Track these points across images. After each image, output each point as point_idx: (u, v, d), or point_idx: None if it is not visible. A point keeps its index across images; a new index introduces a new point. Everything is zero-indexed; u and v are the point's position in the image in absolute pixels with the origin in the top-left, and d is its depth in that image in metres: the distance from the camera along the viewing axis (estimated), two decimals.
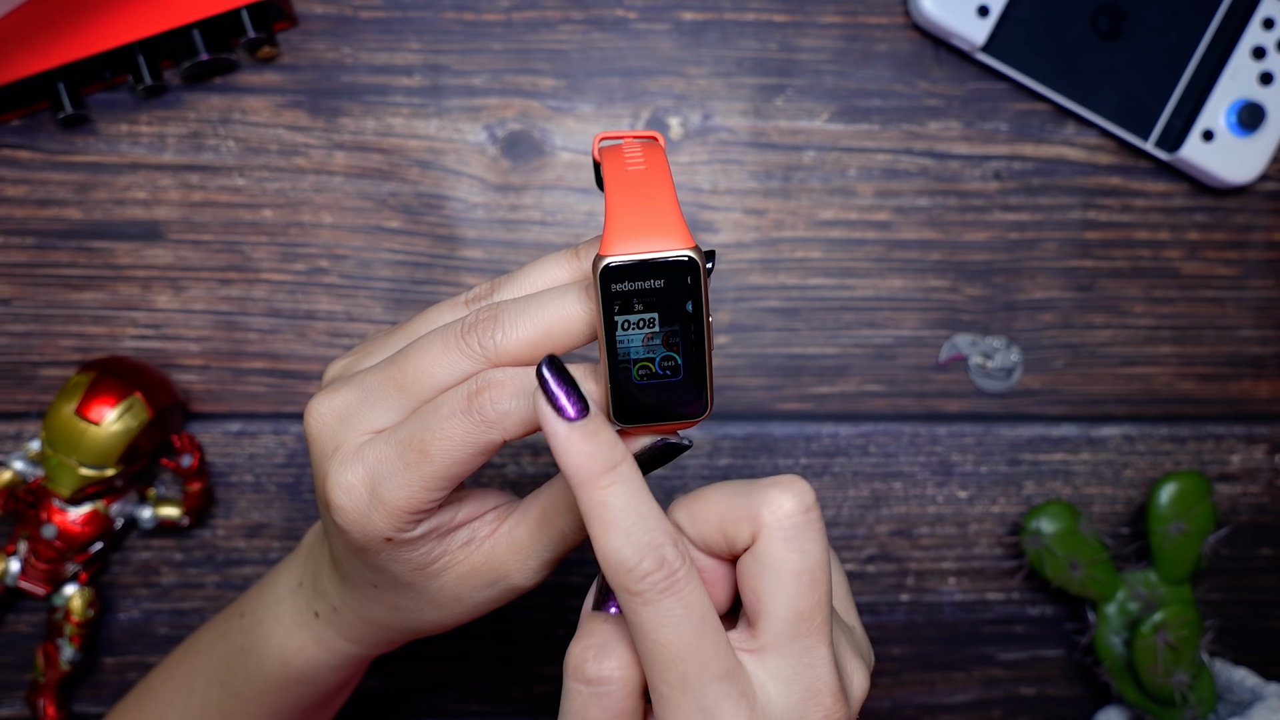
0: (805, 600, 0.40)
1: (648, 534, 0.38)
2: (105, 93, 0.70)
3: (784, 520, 0.40)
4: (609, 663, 0.41)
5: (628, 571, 0.38)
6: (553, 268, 0.45)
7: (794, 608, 0.40)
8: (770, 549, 0.40)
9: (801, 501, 0.40)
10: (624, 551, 0.38)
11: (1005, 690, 0.75)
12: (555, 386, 0.39)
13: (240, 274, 0.70)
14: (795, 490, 0.40)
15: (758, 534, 0.40)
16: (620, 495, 0.38)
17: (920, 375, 0.73)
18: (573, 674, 0.41)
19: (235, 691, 0.56)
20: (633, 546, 0.38)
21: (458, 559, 0.46)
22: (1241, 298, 0.74)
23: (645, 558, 0.38)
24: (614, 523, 0.38)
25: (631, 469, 0.39)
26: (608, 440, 0.39)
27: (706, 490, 0.42)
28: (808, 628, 0.40)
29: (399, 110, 0.70)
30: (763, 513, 0.40)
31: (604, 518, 0.38)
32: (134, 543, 0.71)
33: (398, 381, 0.44)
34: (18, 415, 0.70)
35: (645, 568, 0.38)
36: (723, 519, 0.41)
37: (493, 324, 0.42)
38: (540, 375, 0.39)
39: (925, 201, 0.72)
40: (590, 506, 0.39)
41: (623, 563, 0.38)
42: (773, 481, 0.41)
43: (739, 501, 0.41)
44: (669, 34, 0.71)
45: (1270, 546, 0.76)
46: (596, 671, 0.40)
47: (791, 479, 0.41)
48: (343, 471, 0.44)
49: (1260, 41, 0.71)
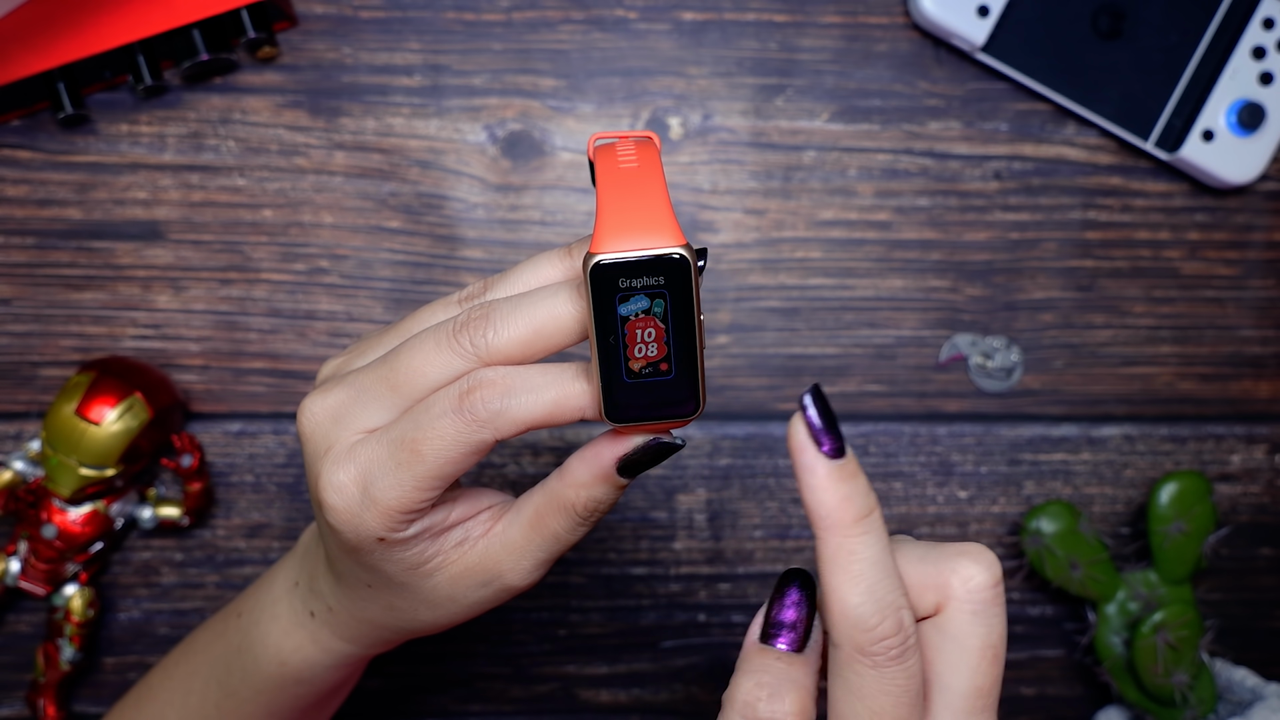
0: (986, 676, 0.39)
1: (891, 594, 0.37)
2: (105, 93, 0.70)
3: (975, 593, 0.39)
4: (783, 706, 0.39)
5: (867, 630, 0.37)
6: (545, 266, 0.45)
7: (974, 684, 0.39)
8: (957, 620, 0.39)
9: (993, 575, 0.39)
10: (865, 608, 0.37)
11: (1005, 690, 0.75)
12: (817, 419, 0.37)
13: (240, 274, 0.70)
14: (987, 562, 0.39)
15: (944, 605, 0.39)
16: (870, 546, 0.37)
17: (920, 375, 0.73)
18: (741, 710, 0.39)
19: (232, 691, 0.56)
20: (876, 604, 0.37)
21: (451, 559, 0.46)
22: (1241, 298, 0.74)
23: (887, 619, 0.37)
24: (861, 575, 0.37)
25: (881, 520, 0.38)
26: (864, 485, 0.38)
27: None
28: (984, 704, 0.39)
29: (399, 110, 0.71)
30: (953, 583, 0.39)
31: (851, 569, 0.37)
32: (134, 543, 0.71)
33: (390, 381, 0.44)
34: (18, 415, 0.70)
35: (885, 630, 0.37)
36: (907, 583, 0.40)
37: (484, 323, 0.42)
38: (802, 404, 0.38)
39: (925, 201, 0.72)
40: (839, 553, 0.37)
41: (862, 620, 0.37)
42: (962, 551, 0.39)
43: (926, 568, 0.39)
44: (669, 34, 0.71)
45: (1270, 546, 0.76)
46: (769, 713, 0.39)
47: (981, 550, 0.39)
48: (335, 471, 0.44)
49: (1260, 41, 0.70)
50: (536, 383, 0.42)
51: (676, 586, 0.73)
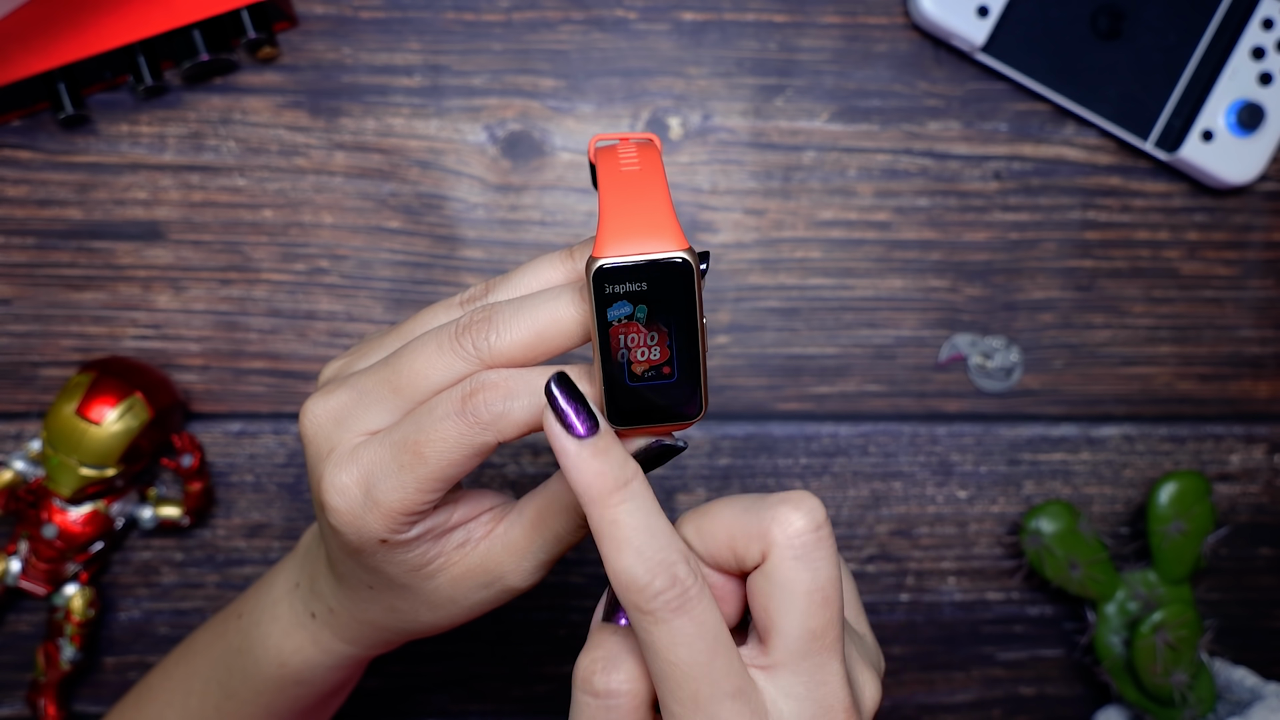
0: (817, 618, 0.39)
1: (660, 552, 0.38)
2: (106, 93, 0.70)
3: (795, 539, 0.39)
4: (617, 675, 0.40)
5: (639, 590, 0.38)
6: (547, 269, 0.45)
7: (806, 626, 0.39)
8: (781, 567, 0.39)
9: (812, 519, 0.39)
10: (636, 570, 0.38)
11: (1005, 690, 0.75)
12: (564, 403, 0.39)
13: (240, 274, 0.70)
14: (806, 507, 0.40)
15: (768, 552, 0.40)
16: (632, 513, 0.38)
17: (920, 375, 0.73)
18: (581, 685, 0.41)
19: (233, 692, 0.56)
20: (645, 565, 0.38)
21: (453, 560, 0.46)
22: (1241, 298, 0.74)
23: (657, 576, 0.38)
24: (626, 541, 0.38)
25: (642, 486, 0.39)
26: (618, 458, 0.39)
27: (715, 506, 0.42)
28: (820, 645, 0.40)
29: (399, 110, 0.71)
30: (773, 531, 0.39)
31: (615, 536, 0.38)
32: (134, 543, 0.71)
33: (392, 383, 0.44)
34: (18, 415, 0.70)
35: (657, 586, 0.38)
36: (732, 536, 0.40)
37: (487, 325, 0.42)
38: (549, 393, 0.39)
39: (925, 201, 0.72)
40: (601, 525, 0.38)
41: (634, 581, 0.38)
42: (783, 498, 0.40)
43: (749, 518, 0.40)
44: (669, 34, 0.71)
45: (1269, 546, 0.76)
46: (605, 684, 0.40)
47: (801, 495, 0.40)
48: (337, 473, 0.44)
49: (1260, 41, 0.71)
50: (538, 385, 0.42)
51: None
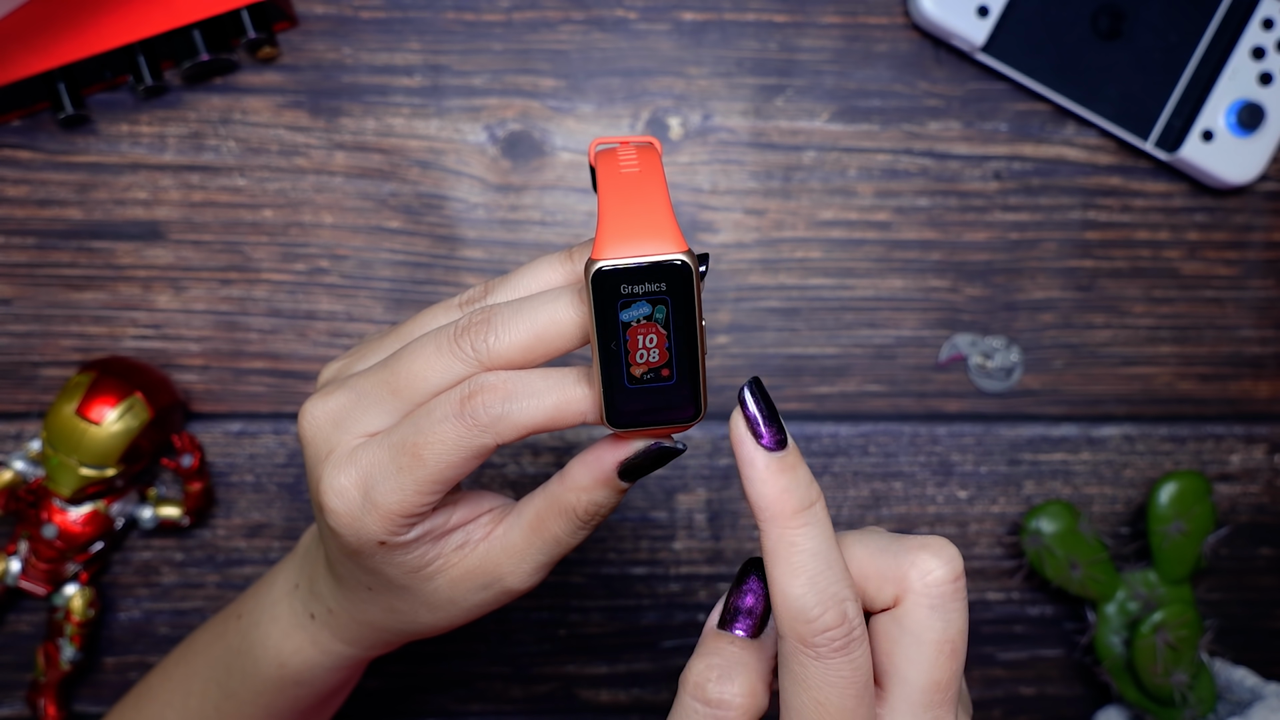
0: (944, 671, 0.39)
1: (834, 585, 0.37)
2: (106, 93, 0.70)
3: (933, 587, 0.39)
4: (732, 688, 0.40)
5: (808, 622, 0.37)
6: (546, 270, 0.45)
7: (932, 678, 0.39)
8: (915, 615, 0.39)
9: (953, 569, 0.39)
10: (807, 599, 0.37)
11: (1005, 690, 0.75)
12: (755, 411, 0.38)
13: (241, 274, 0.70)
14: (946, 556, 0.39)
15: (902, 598, 0.39)
16: (812, 538, 0.38)
17: (920, 375, 0.73)
18: (692, 691, 0.40)
19: (232, 693, 0.56)
20: (817, 596, 0.37)
21: (452, 562, 0.46)
22: (1241, 298, 0.74)
23: (829, 610, 0.37)
24: (802, 567, 0.37)
25: (824, 512, 0.38)
26: (805, 477, 0.38)
27: (849, 539, 0.41)
28: (941, 698, 0.39)
29: (399, 110, 0.70)
30: (911, 576, 0.39)
31: (792, 560, 0.37)
32: (134, 543, 0.71)
33: (391, 385, 0.44)
34: (18, 415, 0.70)
35: (827, 621, 0.37)
36: (865, 575, 0.40)
37: (485, 327, 0.42)
38: (741, 398, 0.38)
39: (925, 201, 0.72)
40: (779, 545, 0.38)
41: (804, 611, 0.37)
42: (923, 544, 0.39)
43: (885, 560, 0.39)
44: (669, 34, 0.71)
45: (1270, 546, 0.76)
46: (719, 694, 0.40)
47: (942, 543, 0.39)
48: (336, 475, 0.44)
49: (1260, 41, 0.70)
50: (538, 387, 0.42)
51: (676, 586, 0.73)
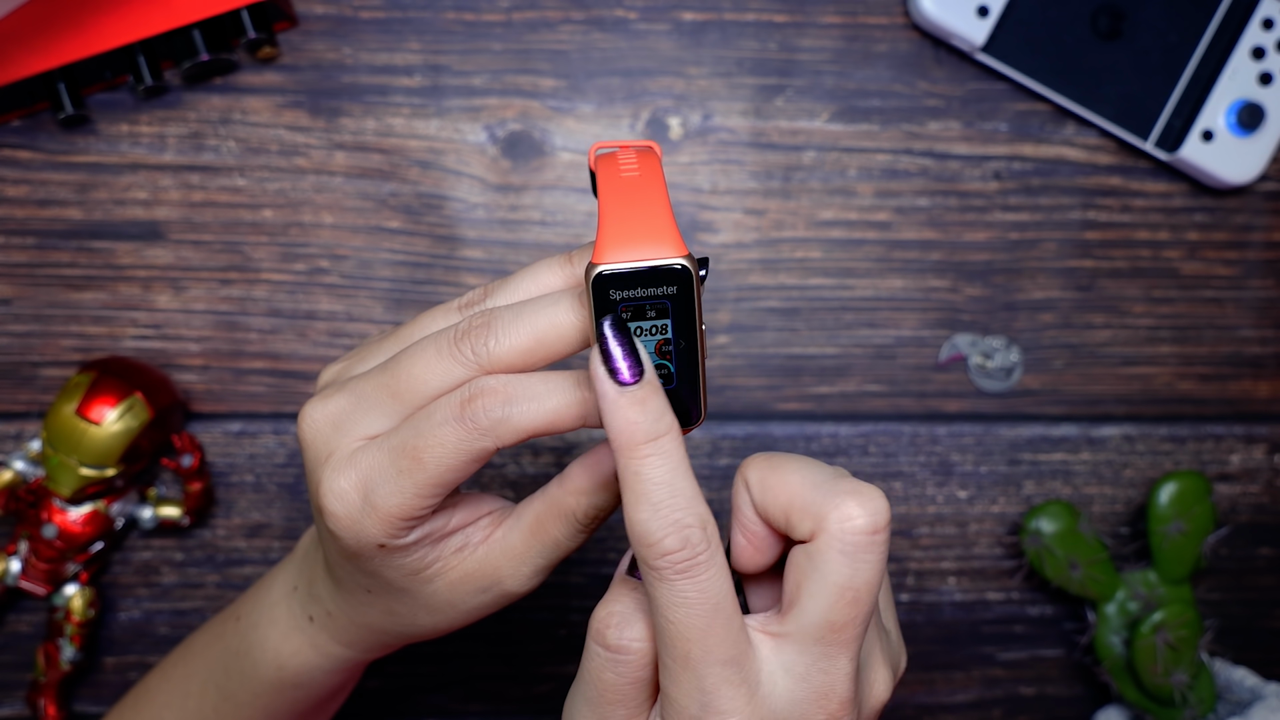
0: (842, 614, 0.39)
1: (677, 511, 0.38)
2: (106, 93, 0.70)
3: (848, 534, 0.39)
4: (629, 632, 0.41)
5: (649, 546, 0.38)
6: (546, 273, 0.45)
7: (828, 617, 0.39)
8: (825, 555, 0.39)
9: (873, 521, 0.39)
10: (650, 524, 0.38)
11: (1005, 690, 0.75)
12: (614, 346, 0.39)
13: (240, 274, 0.70)
14: (871, 508, 0.39)
15: (818, 535, 0.39)
16: (657, 468, 0.38)
17: (920, 375, 0.73)
18: (594, 636, 0.42)
19: (230, 695, 0.56)
20: (659, 522, 0.38)
21: (451, 564, 0.46)
22: (1241, 298, 0.74)
23: (669, 535, 0.38)
24: (645, 495, 0.38)
25: (673, 443, 0.39)
26: (655, 409, 0.39)
27: (785, 465, 0.41)
28: (835, 638, 0.39)
29: (399, 110, 0.70)
30: (830, 517, 0.39)
31: (636, 488, 0.38)
32: (134, 543, 0.71)
33: (391, 388, 0.44)
34: (18, 415, 0.70)
35: (667, 545, 0.38)
36: (790, 503, 0.40)
37: (485, 331, 0.42)
38: (600, 332, 0.39)
39: (925, 201, 0.72)
40: (626, 475, 0.39)
41: (646, 536, 0.38)
42: (855, 490, 0.40)
43: (813, 494, 0.40)
44: (669, 34, 0.71)
45: (1270, 546, 0.76)
46: (616, 639, 0.41)
47: (873, 494, 0.40)
48: (336, 478, 0.44)
49: (1260, 41, 0.70)
50: (538, 391, 0.42)
51: None
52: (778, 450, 0.69)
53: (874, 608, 0.40)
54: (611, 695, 0.42)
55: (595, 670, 0.42)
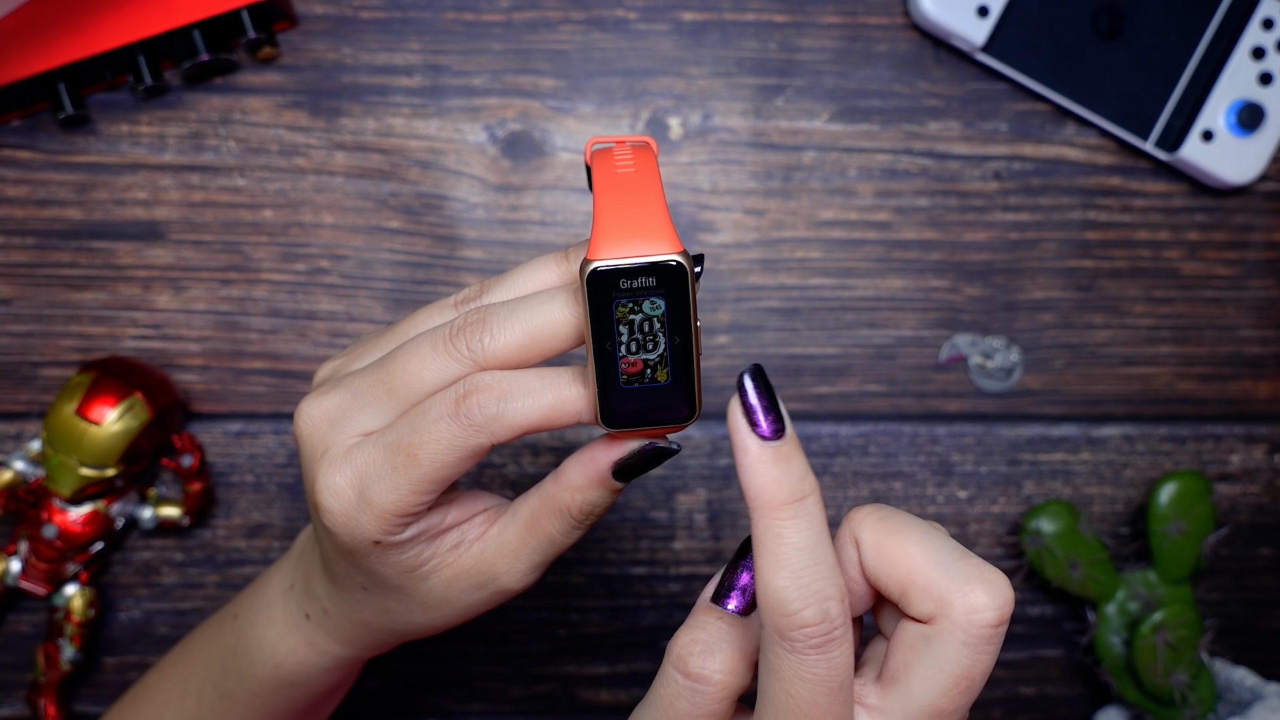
0: (953, 703, 0.38)
1: (818, 582, 0.37)
2: (106, 93, 0.70)
3: (974, 627, 0.38)
4: (713, 663, 0.40)
5: (786, 615, 0.37)
6: (542, 270, 0.45)
7: (938, 704, 0.38)
8: (947, 643, 0.38)
9: (1000, 615, 0.38)
10: (789, 593, 0.36)
11: (1005, 690, 0.75)
12: (754, 398, 0.37)
13: (241, 274, 0.70)
14: (999, 601, 0.38)
15: (939, 621, 0.38)
16: (799, 531, 0.37)
17: (920, 375, 0.73)
18: (674, 662, 0.40)
19: (227, 693, 0.56)
20: (799, 591, 0.36)
21: (447, 561, 0.46)
22: (1241, 298, 0.74)
23: (809, 606, 0.36)
24: (786, 560, 0.37)
25: (816, 506, 0.37)
26: (799, 469, 0.37)
27: (904, 530, 0.40)
28: None
29: (399, 110, 0.71)
30: (956, 606, 0.38)
31: (777, 552, 0.37)
32: (134, 543, 0.71)
33: (386, 384, 0.44)
34: (18, 415, 0.70)
35: (806, 617, 0.36)
36: (910, 579, 0.39)
37: (480, 327, 0.42)
38: (740, 384, 0.38)
39: (925, 201, 0.72)
40: (765, 536, 0.37)
41: (784, 604, 0.37)
42: (982, 577, 0.38)
43: (937, 575, 0.38)
44: (669, 34, 0.71)
45: (1270, 546, 0.76)
46: (699, 668, 0.40)
47: (1000, 583, 0.38)
48: (331, 474, 0.44)
49: (1260, 42, 0.70)
50: (532, 387, 0.42)
51: (676, 586, 0.73)
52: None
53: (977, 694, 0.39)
54: None
55: (669, 696, 0.40)
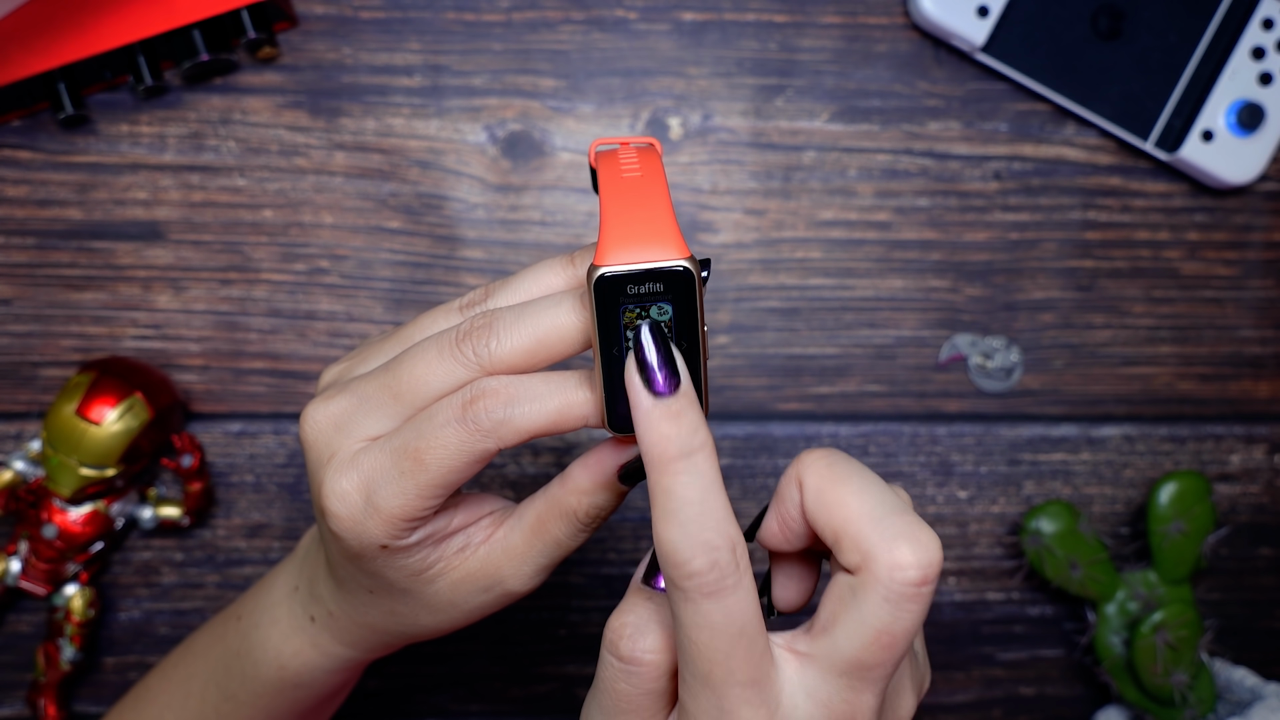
0: (875, 656, 0.38)
1: (706, 531, 0.37)
2: (106, 93, 0.70)
3: (896, 582, 0.38)
4: (643, 643, 0.40)
5: (676, 565, 0.37)
6: (547, 274, 0.45)
7: (859, 656, 0.38)
8: (868, 595, 0.38)
9: (924, 574, 0.38)
10: (678, 543, 0.37)
11: (1005, 690, 0.75)
12: (651, 355, 0.38)
13: (240, 274, 0.70)
14: (923, 559, 0.38)
15: (864, 573, 0.38)
16: (688, 485, 0.37)
17: (920, 375, 0.73)
18: (608, 646, 0.41)
19: (231, 694, 0.56)
20: (688, 541, 0.37)
21: (453, 564, 0.46)
22: (1241, 298, 0.74)
23: (697, 556, 0.37)
24: (675, 512, 0.37)
25: (707, 460, 0.38)
26: (690, 423, 0.38)
27: (845, 479, 0.40)
28: (864, 674, 0.39)
29: (399, 110, 0.70)
30: (880, 560, 0.38)
31: (667, 505, 0.37)
32: (134, 543, 0.71)
33: (392, 389, 0.44)
34: (18, 415, 0.70)
35: (695, 566, 0.37)
36: (843, 528, 0.39)
37: (487, 332, 0.42)
38: (638, 340, 0.38)
39: (925, 201, 0.72)
40: (656, 490, 0.38)
41: (674, 554, 0.37)
42: (909, 533, 0.38)
43: (868, 530, 0.38)
44: (669, 34, 0.71)
45: (1270, 546, 0.76)
46: (630, 650, 0.40)
47: (927, 541, 0.38)
48: (338, 479, 0.44)
49: (1260, 42, 0.70)
50: (539, 391, 0.42)
51: None
52: (778, 448, 0.68)
53: (908, 650, 0.39)
54: (625, 705, 0.41)
55: (609, 680, 0.41)
